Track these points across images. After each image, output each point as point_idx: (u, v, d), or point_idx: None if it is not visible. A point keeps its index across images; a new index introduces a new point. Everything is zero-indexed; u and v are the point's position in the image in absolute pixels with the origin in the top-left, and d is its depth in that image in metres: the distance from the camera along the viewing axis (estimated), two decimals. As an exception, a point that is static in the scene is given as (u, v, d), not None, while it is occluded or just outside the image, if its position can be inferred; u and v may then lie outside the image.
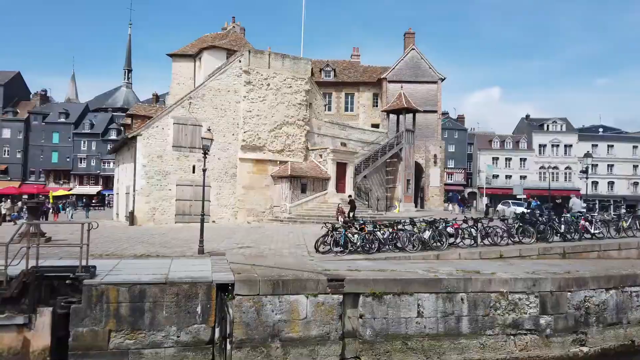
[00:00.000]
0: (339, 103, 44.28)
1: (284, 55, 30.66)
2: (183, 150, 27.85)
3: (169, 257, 13.68)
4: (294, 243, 17.89)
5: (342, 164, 31.28)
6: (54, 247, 14.26)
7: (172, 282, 10.24)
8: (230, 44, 36.70)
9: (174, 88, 39.24)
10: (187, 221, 27.10)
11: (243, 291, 10.36)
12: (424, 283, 11.30)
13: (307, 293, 10.64)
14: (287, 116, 30.37)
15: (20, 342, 9.55)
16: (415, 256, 14.87)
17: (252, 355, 10.19)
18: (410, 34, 43.75)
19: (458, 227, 16.88)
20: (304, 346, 10.47)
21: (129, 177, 28.94)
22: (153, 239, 18.99)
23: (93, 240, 10.81)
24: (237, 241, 18.36)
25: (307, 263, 13.18)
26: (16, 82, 70.99)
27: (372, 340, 10.88)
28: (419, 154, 40.87)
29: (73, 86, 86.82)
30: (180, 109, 28.03)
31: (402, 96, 37.30)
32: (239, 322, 10.22)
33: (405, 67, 42.58)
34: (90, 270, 10.16)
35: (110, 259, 13.05)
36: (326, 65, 44.50)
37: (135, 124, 30.73)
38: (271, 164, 30.02)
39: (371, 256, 14.56)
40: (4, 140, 66.94)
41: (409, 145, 37.01)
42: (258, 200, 29.62)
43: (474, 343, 11.34)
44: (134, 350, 9.86)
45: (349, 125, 37.47)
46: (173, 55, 39.67)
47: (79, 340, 9.66)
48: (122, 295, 9.89)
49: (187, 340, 10.14)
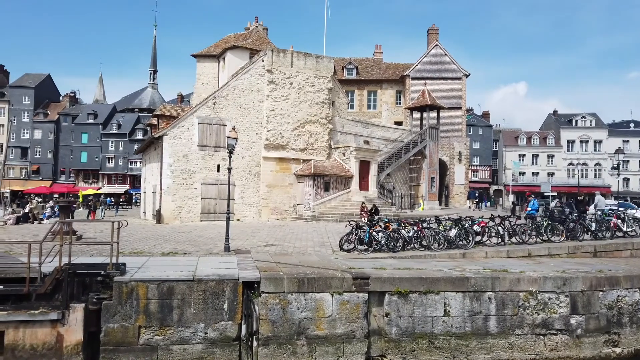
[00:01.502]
0: (361, 101, 44.08)
1: (306, 54, 30.70)
2: (208, 149, 28.20)
3: (195, 255, 13.88)
4: (318, 241, 17.92)
5: (365, 162, 31.16)
6: (85, 245, 14.67)
7: (200, 280, 10.38)
8: (253, 43, 36.94)
9: (199, 88, 39.74)
10: (212, 219, 27.46)
11: (269, 289, 10.44)
12: (450, 282, 11.17)
13: (333, 291, 10.65)
14: (310, 114, 30.41)
15: (54, 337, 9.83)
16: (441, 254, 14.70)
17: (279, 353, 10.26)
18: (434, 30, 43.20)
19: (485, 225, 16.62)
20: (329, 344, 10.49)
21: (155, 176, 29.47)
22: (179, 237, 19.29)
23: (122, 238, 11.06)
24: (261, 239, 18.50)
25: (332, 261, 13.18)
26: (46, 85, 73.00)
27: (398, 339, 10.82)
28: (443, 151, 40.37)
29: (101, 88, 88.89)
30: (205, 108, 28.37)
31: (426, 93, 36.89)
32: (265, 319, 10.30)
33: (429, 63, 42.08)
34: (121, 268, 10.39)
35: (139, 256, 13.31)
36: (349, 63, 44.35)
37: (162, 124, 31.26)
38: (294, 163, 30.13)
39: (396, 254, 14.46)
40: (36, 141, 68.97)
41: (433, 142, 36.61)
42: (281, 198, 29.78)
43: (502, 343, 11.17)
44: (162, 346, 10.05)
45: (371, 123, 37.29)
46: (197, 56, 40.17)
47: (110, 335, 9.90)
48: (151, 292, 10.08)
49: (215, 337, 10.28)
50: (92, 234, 18.87)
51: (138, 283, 10.08)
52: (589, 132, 68.54)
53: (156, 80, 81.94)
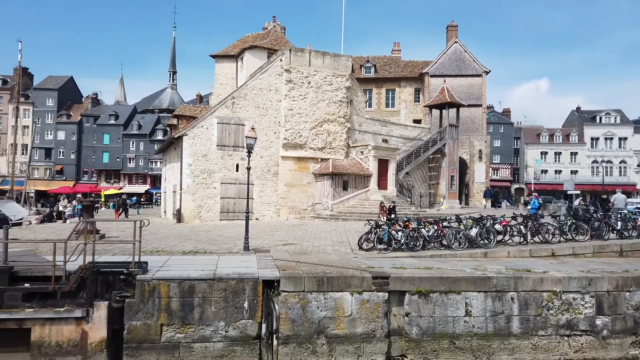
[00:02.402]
0: (379, 99, 43.86)
1: (324, 53, 30.68)
2: (227, 149, 28.40)
3: (215, 254, 13.99)
4: (337, 240, 17.90)
5: (383, 160, 31.00)
6: (107, 244, 14.93)
7: (220, 278, 10.46)
8: (271, 43, 37.07)
9: (217, 88, 40.09)
10: (232, 218, 27.66)
11: (288, 287, 10.46)
12: (472, 281, 11.03)
13: (352, 290, 10.62)
14: (328, 113, 30.38)
15: (79, 334, 10.01)
16: (461, 254, 14.54)
17: (298, 351, 10.27)
18: (453, 27, 42.74)
19: (506, 224, 16.37)
20: (349, 343, 10.47)
21: (175, 176, 29.81)
22: (200, 236, 19.48)
23: (144, 237, 11.20)
24: (280, 238, 18.55)
25: (351, 260, 13.15)
26: (69, 87, 74.52)
27: (418, 339, 10.74)
28: (463, 149, 39.90)
29: (121, 89, 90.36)
30: (224, 108, 28.58)
31: (445, 90, 36.51)
32: (284, 318, 10.32)
33: (448, 60, 41.63)
34: (143, 266, 10.53)
35: (160, 255, 13.47)
36: (366, 61, 44.17)
37: (181, 124, 31.61)
38: (312, 162, 30.15)
39: (416, 254, 14.36)
40: (59, 142, 70.48)
41: (453, 140, 36.21)
42: (300, 197, 29.83)
43: (525, 344, 10.99)
44: (184, 344, 10.16)
45: (390, 121, 37.07)
46: (216, 57, 40.52)
47: (133, 333, 10.05)
48: (172, 290, 10.19)
49: (235, 335, 10.35)
50: (114, 233, 19.18)
51: (160, 281, 10.21)
52: (614, 128, 66.99)
53: (175, 81, 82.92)
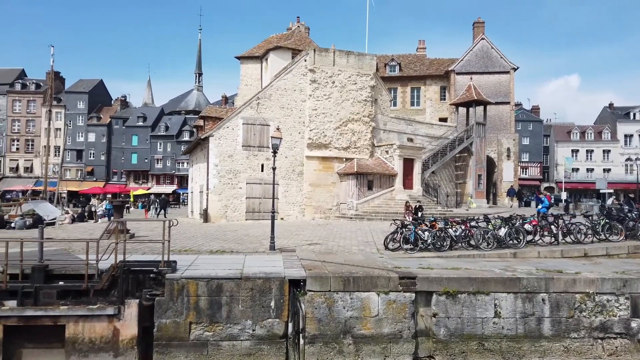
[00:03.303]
0: (404, 98, 43.49)
1: (348, 52, 30.62)
2: (252, 149, 28.65)
3: (242, 253, 14.13)
4: (362, 240, 17.84)
5: (409, 159, 30.73)
6: (137, 243, 15.24)
7: (247, 277, 10.56)
8: (295, 43, 37.21)
9: (242, 89, 40.47)
10: (257, 218, 27.89)
11: (314, 287, 10.48)
12: (501, 282, 10.84)
13: (379, 290, 10.57)
14: (353, 113, 30.31)
15: (111, 332, 10.26)
16: (490, 254, 14.31)
17: (325, 351, 10.28)
18: (480, 24, 42.04)
19: (537, 224, 16.03)
20: (376, 343, 10.42)
21: (202, 176, 30.25)
22: (226, 235, 19.70)
23: (172, 236, 11.41)
24: (305, 238, 18.61)
25: (377, 260, 13.09)
26: (99, 89, 76.42)
27: (446, 340, 10.61)
28: (491, 147, 39.20)
29: (149, 91, 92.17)
30: (249, 109, 28.84)
31: (472, 88, 35.96)
32: (311, 317, 10.34)
33: (475, 57, 40.97)
34: (172, 265, 10.72)
35: (188, 254, 13.69)
36: (391, 59, 43.87)
37: (207, 126, 32.02)
38: (337, 162, 30.13)
39: (443, 254, 14.19)
40: (90, 144, 72.36)
41: (480, 138, 35.63)
42: (324, 197, 29.85)
43: (556, 346, 10.73)
44: (212, 342, 10.29)
45: (415, 120, 36.75)
46: (241, 58, 40.91)
47: (162, 330, 10.24)
48: (200, 289, 10.34)
49: (262, 334, 10.43)
50: (143, 233, 19.57)
51: (188, 280, 10.37)
52: (648, 125, 64.72)
53: (201, 83, 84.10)
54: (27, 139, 70.78)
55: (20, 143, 70.72)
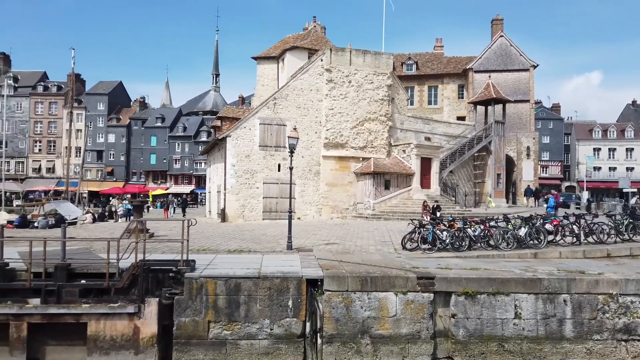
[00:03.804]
0: (421, 96, 43.17)
1: (365, 51, 30.52)
2: (269, 149, 28.76)
3: (260, 253, 14.20)
4: (380, 240, 17.77)
5: (426, 159, 30.50)
6: (156, 242, 15.42)
7: (265, 277, 10.61)
8: (312, 43, 37.22)
9: (259, 89, 40.64)
10: (274, 218, 28.00)
11: (332, 287, 10.47)
12: (521, 283, 10.68)
13: (396, 290, 10.52)
14: (369, 112, 30.20)
15: (132, 329, 10.41)
16: (510, 254, 14.12)
17: (343, 351, 10.26)
18: (498, 21, 41.47)
19: (558, 223, 15.75)
20: (394, 344, 10.37)
21: (219, 176, 30.48)
22: (244, 235, 19.82)
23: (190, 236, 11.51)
24: (322, 237, 18.61)
25: (395, 260, 13.02)
26: (118, 91, 77.61)
27: (465, 341, 10.50)
28: (510, 146, 38.66)
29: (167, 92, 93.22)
30: (266, 109, 28.95)
31: (491, 86, 35.51)
32: (328, 317, 10.34)
33: (493, 55, 40.44)
34: (191, 264, 10.83)
35: (207, 253, 13.81)
36: (408, 58, 43.57)
37: (225, 126, 32.28)
38: (354, 161, 30.06)
39: (461, 254, 14.05)
40: (110, 145, 73.52)
41: (499, 137, 35.17)
42: (341, 197, 29.81)
43: (579, 348, 10.54)
44: (231, 340, 10.37)
45: (432, 118, 36.45)
46: (257, 58, 41.08)
47: (182, 329, 10.35)
48: (219, 288, 10.43)
49: (280, 333, 10.47)
50: (162, 232, 19.81)
51: (207, 279, 10.46)
52: (673, 122, 63.17)
53: (218, 84, 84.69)
54: (49, 140, 72.26)
55: (42, 144, 72.24)
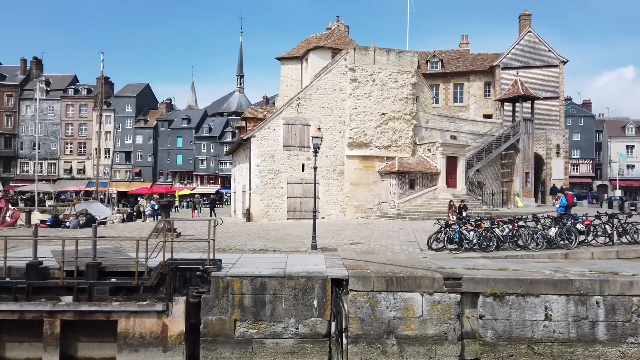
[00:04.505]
0: (447, 94, 42.62)
1: (389, 50, 30.31)
2: (293, 149, 28.86)
3: (284, 252, 14.26)
4: (405, 240, 17.61)
5: (452, 157, 30.09)
6: (183, 242, 15.64)
7: (290, 276, 10.64)
8: (335, 43, 37.17)
9: (283, 90, 40.82)
10: (298, 217, 28.08)
11: (357, 287, 10.43)
12: (552, 284, 10.42)
13: (422, 291, 10.41)
14: (394, 111, 29.98)
15: (160, 327, 10.59)
16: (539, 255, 13.80)
17: (368, 351, 10.21)
18: (526, 16, 40.61)
19: (590, 223, 15.31)
20: (420, 345, 10.26)
21: (244, 176, 30.75)
22: (268, 234, 19.94)
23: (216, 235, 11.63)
24: (347, 237, 18.56)
25: (420, 260, 12.88)
26: (146, 93, 79.15)
27: (493, 343, 10.31)
28: (539, 144, 37.80)
29: (193, 94, 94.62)
30: (289, 109, 29.06)
31: (518, 83, 34.78)
32: (354, 317, 10.30)
33: (521, 51, 39.61)
34: (217, 264, 10.94)
35: (232, 253, 13.94)
36: (433, 56, 43.09)
37: (249, 126, 32.55)
38: (378, 160, 29.89)
39: (489, 254, 13.81)
40: (137, 146, 75.06)
41: (527, 135, 34.43)
42: (365, 196, 29.69)
43: (612, 351, 10.22)
44: (257, 339, 10.44)
45: (458, 117, 35.90)
46: (281, 59, 41.27)
47: (208, 327, 10.47)
48: (245, 287, 10.51)
49: (305, 333, 10.48)
50: (189, 232, 20.09)
51: (233, 278, 10.56)
52: None
53: (243, 84, 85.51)
54: (79, 142, 74.25)
55: (73, 146, 74.28)
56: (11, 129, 73.38)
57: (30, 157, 71.12)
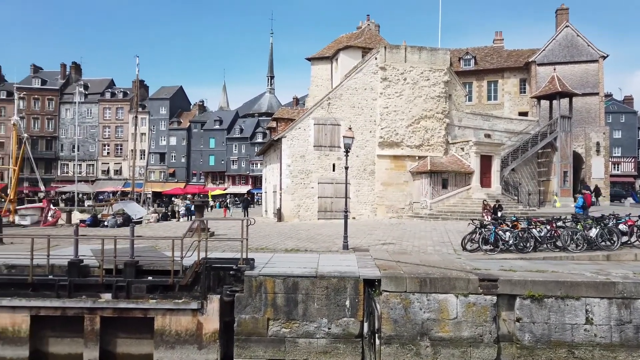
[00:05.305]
0: (480, 92, 41.73)
1: (420, 48, 29.92)
2: (323, 149, 28.88)
3: (316, 252, 14.27)
4: (438, 240, 17.35)
5: (486, 156, 29.45)
6: (217, 241, 15.86)
7: (322, 276, 10.65)
8: (365, 42, 36.97)
9: (313, 90, 40.89)
10: (329, 217, 28.07)
11: (390, 287, 10.33)
12: (593, 286, 10.07)
13: (457, 292, 10.23)
14: (425, 110, 29.59)
15: (195, 325, 10.79)
16: (579, 256, 13.36)
17: (402, 352, 10.11)
18: (563, 10, 39.32)
19: (633, 224, 14.70)
20: (455, 347, 10.09)
21: (275, 176, 30.97)
22: (300, 234, 20.01)
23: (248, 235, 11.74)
24: (378, 237, 18.44)
25: (454, 261, 12.66)
26: (179, 95, 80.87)
27: (531, 346, 10.04)
28: (577, 142, 36.56)
29: (224, 95, 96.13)
30: (320, 109, 29.09)
31: (556, 79, 33.71)
32: (386, 318, 10.21)
33: (558, 47, 38.39)
34: (250, 263, 11.05)
35: (265, 252, 14.06)
36: (465, 53, 42.28)
37: (280, 127, 32.75)
38: (409, 160, 29.56)
39: (526, 255, 13.45)
40: (171, 147, 76.75)
41: (565, 133, 33.35)
42: (397, 196, 29.41)
43: (658, 357, 9.78)
44: (289, 338, 10.49)
45: (492, 115, 35.10)
46: (311, 59, 41.33)
47: (242, 326, 10.59)
48: (277, 286, 10.58)
49: (338, 333, 10.47)
50: (222, 231, 20.38)
51: (266, 277, 10.64)
52: None
53: (273, 85, 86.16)
54: (116, 144, 76.49)
55: (110, 148, 76.59)
56: (52, 131, 76.29)
57: (70, 159, 73.79)
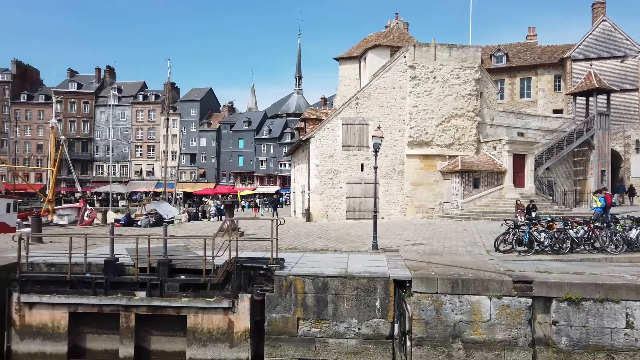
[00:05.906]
0: (513, 90, 40.81)
1: (450, 45, 29.48)
2: (352, 149, 28.80)
3: (345, 252, 14.23)
4: (470, 241, 17.04)
5: (519, 155, 28.77)
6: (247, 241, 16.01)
7: (352, 276, 10.60)
8: (394, 40, 36.72)
9: (341, 90, 40.85)
10: (357, 217, 27.98)
11: (421, 288, 10.20)
12: (634, 289, 9.67)
13: (490, 294, 10.00)
14: (456, 108, 29.13)
15: (226, 324, 10.92)
16: (619, 258, 12.88)
17: (433, 354, 9.96)
18: (600, 4, 38.02)
19: (676, 224, 14.07)
20: (488, 350, 9.87)
21: (303, 176, 31.08)
22: (328, 234, 20.00)
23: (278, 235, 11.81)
24: (408, 238, 18.25)
25: (487, 262, 12.40)
26: (209, 97, 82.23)
27: (568, 351, 9.72)
28: (616, 140, 35.33)
29: (253, 97, 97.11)
30: (348, 109, 29.03)
31: (592, 75, 32.64)
32: (417, 319, 10.08)
33: (595, 42, 37.16)
34: (280, 262, 11.11)
35: (294, 252, 14.11)
36: (497, 50, 41.42)
37: (308, 127, 32.88)
38: (439, 159, 29.16)
39: (562, 257, 13.07)
40: (202, 148, 78.08)
41: (603, 130, 32.25)
42: (426, 196, 29.06)
43: None
44: (319, 338, 10.49)
45: (526, 112, 34.28)
46: (339, 59, 41.33)
47: (272, 325, 10.65)
48: (307, 286, 10.59)
49: (368, 333, 10.40)
50: (252, 231, 20.58)
51: (296, 277, 10.67)
52: None
53: (301, 86, 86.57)
54: (148, 145, 78.34)
55: (142, 149, 78.50)
56: (87, 134, 78.76)
57: (104, 160, 75.96)
